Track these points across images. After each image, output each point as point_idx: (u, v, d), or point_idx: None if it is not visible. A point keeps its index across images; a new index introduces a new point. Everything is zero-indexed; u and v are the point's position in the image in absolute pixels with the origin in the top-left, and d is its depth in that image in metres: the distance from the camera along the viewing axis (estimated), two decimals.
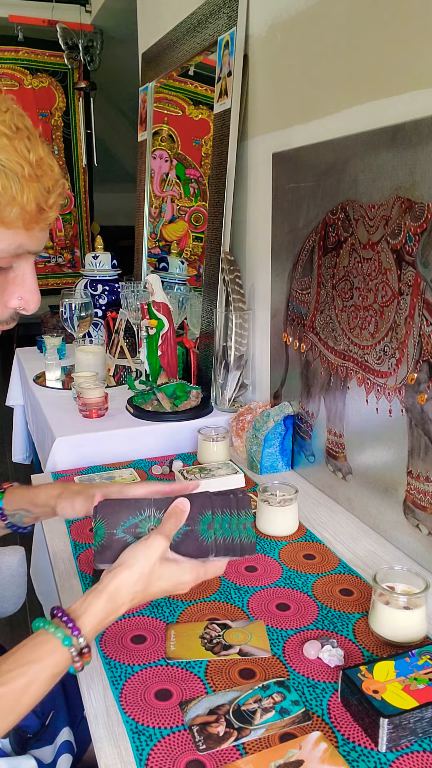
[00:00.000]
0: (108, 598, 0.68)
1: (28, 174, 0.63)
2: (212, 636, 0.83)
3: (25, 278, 0.72)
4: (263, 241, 1.48)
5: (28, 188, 0.63)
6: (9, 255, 0.67)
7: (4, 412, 2.43)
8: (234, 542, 0.76)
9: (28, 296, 0.72)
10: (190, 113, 2.26)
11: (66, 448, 1.40)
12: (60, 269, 4.53)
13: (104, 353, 1.88)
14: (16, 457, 2.22)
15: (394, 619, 0.80)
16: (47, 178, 0.66)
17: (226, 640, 0.82)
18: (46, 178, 0.66)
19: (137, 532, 0.75)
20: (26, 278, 0.72)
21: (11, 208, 0.63)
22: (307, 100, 1.26)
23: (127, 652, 0.81)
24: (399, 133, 0.94)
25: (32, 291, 0.72)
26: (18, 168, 0.63)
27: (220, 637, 0.83)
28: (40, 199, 0.65)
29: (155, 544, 0.71)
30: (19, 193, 0.63)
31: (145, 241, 2.30)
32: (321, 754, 0.65)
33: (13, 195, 0.63)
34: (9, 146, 0.62)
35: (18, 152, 0.63)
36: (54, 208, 0.68)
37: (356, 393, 1.12)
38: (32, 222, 0.66)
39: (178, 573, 0.72)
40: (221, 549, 0.75)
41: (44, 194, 0.66)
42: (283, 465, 1.37)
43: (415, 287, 0.94)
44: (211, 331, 1.63)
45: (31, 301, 0.73)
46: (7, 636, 2.06)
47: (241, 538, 0.76)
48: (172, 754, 0.65)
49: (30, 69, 4.07)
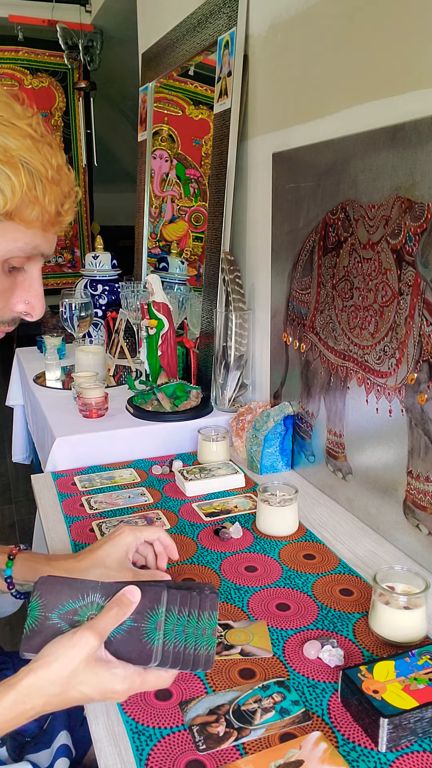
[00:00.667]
0: (15, 697, 0.59)
1: (51, 177, 0.66)
2: None
3: (33, 283, 0.73)
4: (263, 241, 1.48)
5: (50, 190, 0.66)
6: (24, 255, 0.69)
7: (4, 412, 2.44)
8: (186, 651, 0.63)
9: (35, 301, 0.73)
10: (190, 113, 2.26)
11: (66, 448, 1.40)
12: (60, 269, 4.53)
13: (104, 353, 1.88)
14: (16, 457, 2.22)
15: (394, 619, 0.80)
16: (65, 184, 0.69)
17: (227, 641, 0.82)
18: (64, 183, 0.68)
19: (74, 620, 0.64)
20: (34, 283, 0.73)
21: (33, 207, 0.65)
22: (307, 100, 1.26)
23: None
24: (399, 133, 0.94)
25: (39, 297, 0.73)
26: (42, 170, 0.65)
27: (221, 637, 0.83)
28: (59, 202, 0.68)
29: (82, 641, 0.61)
30: (41, 194, 0.65)
31: (145, 241, 2.30)
32: (321, 754, 0.65)
33: (36, 195, 0.65)
34: (34, 149, 0.65)
35: (42, 155, 0.65)
36: (69, 213, 0.70)
37: (356, 393, 1.12)
38: (50, 224, 0.68)
39: (106, 680, 0.61)
40: (168, 657, 0.62)
41: (62, 198, 0.68)
42: (283, 465, 1.37)
43: (415, 287, 0.94)
44: (211, 331, 1.63)
45: (36, 307, 0.74)
46: (7, 636, 2.06)
47: (197, 648, 0.63)
48: (172, 754, 0.65)
49: (30, 69, 4.07)
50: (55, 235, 0.71)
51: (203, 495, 1.23)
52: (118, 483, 1.29)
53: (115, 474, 1.33)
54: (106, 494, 1.23)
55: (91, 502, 1.20)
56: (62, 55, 3.99)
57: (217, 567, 0.99)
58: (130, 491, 1.25)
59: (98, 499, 1.21)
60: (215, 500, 1.22)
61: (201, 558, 1.02)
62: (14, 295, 0.72)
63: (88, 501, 1.20)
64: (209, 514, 1.16)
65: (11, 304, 0.73)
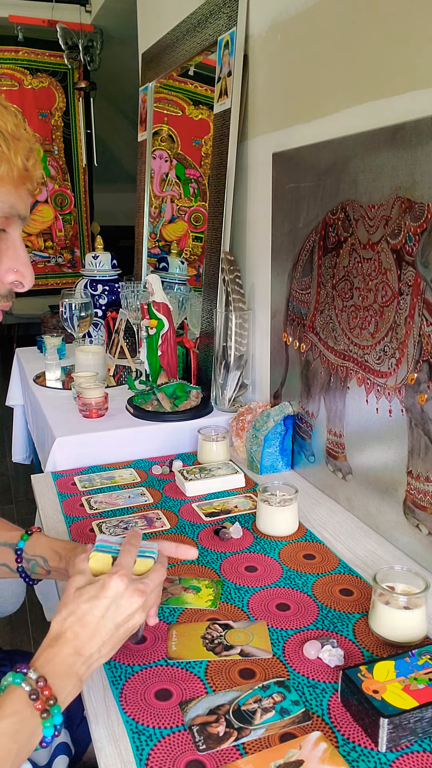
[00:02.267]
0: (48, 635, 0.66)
1: (12, 132, 0.67)
2: (214, 636, 0.83)
3: (17, 250, 0.72)
4: (263, 241, 1.48)
5: (14, 146, 0.67)
6: (3, 214, 0.69)
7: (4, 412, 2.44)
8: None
9: (23, 269, 0.73)
10: (190, 113, 2.26)
11: (66, 448, 1.40)
12: (60, 269, 4.53)
13: (104, 353, 1.88)
14: (16, 457, 2.22)
15: (394, 619, 0.80)
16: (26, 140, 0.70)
17: (227, 641, 0.82)
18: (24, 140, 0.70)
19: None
20: (18, 250, 0.72)
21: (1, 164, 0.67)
22: (307, 100, 1.26)
23: (127, 652, 0.81)
24: (399, 133, 0.94)
25: (26, 263, 0.73)
26: (3, 125, 0.67)
27: (221, 637, 0.83)
28: (24, 156, 0.69)
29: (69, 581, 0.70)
30: (6, 149, 0.67)
31: (145, 241, 2.30)
32: (321, 754, 0.65)
33: (3, 150, 0.66)
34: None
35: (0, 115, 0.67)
36: (37, 168, 0.71)
37: (356, 393, 1.12)
38: (20, 181, 0.69)
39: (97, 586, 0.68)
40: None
41: (27, 153, 0.69)
42: (283, 465, 1.37)
43: (415, 287, 0.94)
44: (211, 331, 1.63)
45: (26, 275, 0.73)
46: (7, 636, 2.06)
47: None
48: (172, 754, 0.65)
49: (30, 69, 4.08)
50: (27, 195, 0.72)
51: (203, 495, 1.23)
52: (118, 483, 1.29)
53: (115, 474, 1.33)
54: (106, 494, 1.23)
55: (91, 502, 1.20)
56: (62, 55, 3.99)
57: (217, 567, 0.99)
58: (130, 491, 1.25)
59: (98, 499, 1.21)
60: (215, 500, 1.22)
61: (201, 558, 1.02)
62: (2, 265, 0.72)
63: (88, 501, 1.20)
64: (209, 514, 1.16)
65: (0, 275, 0.72)
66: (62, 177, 4.41)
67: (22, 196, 0.71)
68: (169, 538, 1.07)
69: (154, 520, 1.13)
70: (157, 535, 1.09)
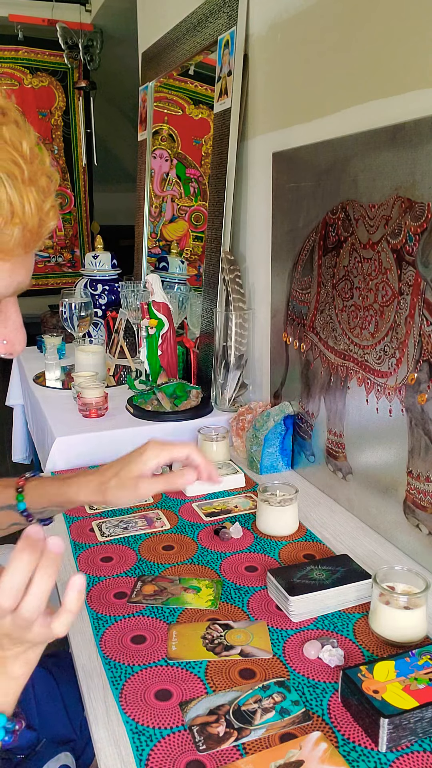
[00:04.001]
0: None
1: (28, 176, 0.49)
2: (214, 636, 0.83)
3: (8, 320, 0.59)
4: (263, 241, 1.48)
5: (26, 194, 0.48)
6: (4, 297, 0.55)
7: (4, 412, 2.43)
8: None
9: (12, 336, 0.60)
10: (190, 113, 2.25)
11: (66, 447, 1.40)
12: (60, 269, 4.53)
13: (104, 353, 1.88)
14: (16, 456, 2.23)
15: (394, 619, 0.80)
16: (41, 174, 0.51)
17: (227, 641, 0.82)
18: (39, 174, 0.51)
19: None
20: (8, 320, 0.59)
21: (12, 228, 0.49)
22: (307, 99, 1.26)
23: (127, 652, 0.81)
24: (399, 133, 0.94)
25: (17, 328, 0.60)
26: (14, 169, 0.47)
27: (221, 637, 0.83)
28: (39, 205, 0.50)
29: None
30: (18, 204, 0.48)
31: (145, 240, 2.29)
32: (321, 754, 0.65)
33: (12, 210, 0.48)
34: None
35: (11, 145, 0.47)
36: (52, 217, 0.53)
37: (356, 393, 1.12)
38: (32, 241, 0.52)
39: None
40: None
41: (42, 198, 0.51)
42: (283, 465, 1.37)
43: (415, 287, 0.94)
44: (211, 331, 1.63)
45: (16, 342, 0.61)
46: None
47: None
48: (172, 754, 0.65)
49: (30, 68, 4.07)
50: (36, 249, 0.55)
51: (203, 495, 1.23)
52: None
53: None
54: None
55: None
56: (62, 55, 3.99)
57: (217, 567, 0.99)
58: None
59: None
60: (215, 500, 1.22)
61: (201, 558, 1.02)
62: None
63: None
64: (209, 514, 1.16)
65: None
66: (62, 176, 4.41)
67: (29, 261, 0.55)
68: (169, 538, 1.07)
69: (154, 520, 1.13)
70: (157, 535, 1.08)
